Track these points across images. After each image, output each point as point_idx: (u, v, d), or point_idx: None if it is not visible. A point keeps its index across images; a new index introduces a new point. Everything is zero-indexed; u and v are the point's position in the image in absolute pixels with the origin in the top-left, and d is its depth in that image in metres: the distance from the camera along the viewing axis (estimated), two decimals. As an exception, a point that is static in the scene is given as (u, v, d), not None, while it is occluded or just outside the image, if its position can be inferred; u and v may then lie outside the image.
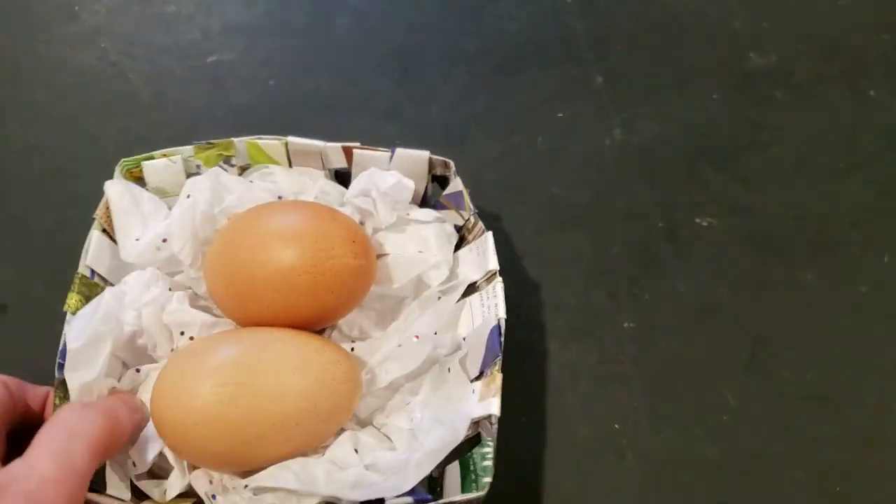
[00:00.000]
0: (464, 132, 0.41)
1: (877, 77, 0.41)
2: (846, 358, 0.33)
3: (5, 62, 0.46)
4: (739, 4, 0.44)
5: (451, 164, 0.35)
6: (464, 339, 0.32)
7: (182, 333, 0.33)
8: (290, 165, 0.36)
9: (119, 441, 0.27)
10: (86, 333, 0.30)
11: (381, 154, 0.35)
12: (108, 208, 0.35)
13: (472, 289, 0.33)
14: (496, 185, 0.39)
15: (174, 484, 0.30)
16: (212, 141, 0.36)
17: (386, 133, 0.40)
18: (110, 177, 0.35)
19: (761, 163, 0.39)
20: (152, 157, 0.36)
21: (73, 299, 0.32)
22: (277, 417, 0.28)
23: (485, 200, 0.36)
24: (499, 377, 0.29)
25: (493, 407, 0.28)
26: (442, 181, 0.36)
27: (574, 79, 0.42)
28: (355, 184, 0.35)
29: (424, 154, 0.35)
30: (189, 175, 0.36)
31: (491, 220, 0.34)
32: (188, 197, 0.34)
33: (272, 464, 0.28)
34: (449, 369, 0.32)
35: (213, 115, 0.43)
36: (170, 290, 0.33)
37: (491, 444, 0.28)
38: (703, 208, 0.37)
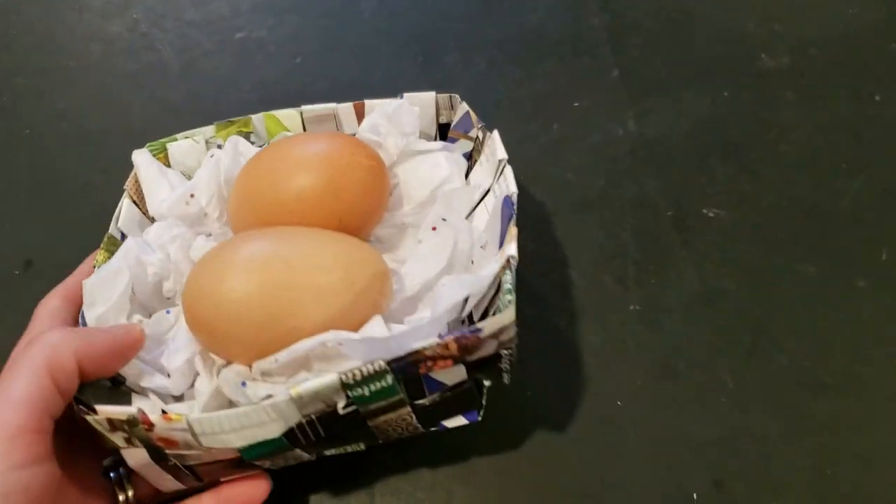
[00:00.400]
0: (482, 117, 0.42)
1: (883, 83, 0.43)
2: (843, 348, 0.35)
3: (38, 30, 0.48)
4: (753, 8, 0.45)
5: (458, 97, 0.36)
6: (482, 232, 0.33)
7: None
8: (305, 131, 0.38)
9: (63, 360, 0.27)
10: (102, 272, 0.31)
11: (390, 102, 0.36)
12: (136, 180, 0.36)
13: (484, 195, 0.34)
14: (513, 169, 0.40)
15: (202, 389, 0.30)
16: (231, 119, 0.38)
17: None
18: (138, 145, 0.36)
19: (769, 159, 0.40)
20: (175, 140, 0.37)
21: (101, 256, 0.33)
22: (313, 292, 0.28)
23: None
24: (514, 229, 0.29)
25: (511, 249, 0.28)
26: (447, 130, 0.37)
27: (591, 71, 0.44)
28: (365, 122, 0.36)
29: (430, 94, 0.36)
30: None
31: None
32: (211, 156, 0.36)
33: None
34: (473, 261, 0.32)
35: (240, 88, 0.44)
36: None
37: (510, 275, 0.28)
38: (710, 200, 0.39)
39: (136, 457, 0.28)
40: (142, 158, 0.36)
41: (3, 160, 0.43)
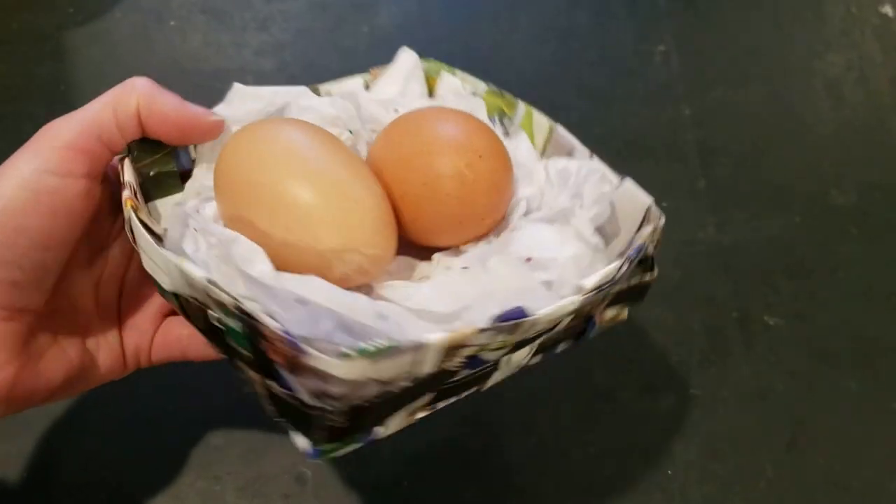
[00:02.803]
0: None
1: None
2: (872, 459, 0.39)
3: (198, 58, 0.54)
4: (829, 149, 0.51)
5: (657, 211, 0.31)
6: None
7: None
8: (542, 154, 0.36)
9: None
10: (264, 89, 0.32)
11: (590, 163, 0.34)
12: (381, 69, 0.36)
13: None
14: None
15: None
16: (503, 92, 0.36)
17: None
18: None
19: (828, 283, 0.45)
20: (454, 73, 0.36)
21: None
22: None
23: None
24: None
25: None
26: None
27: (681, 177, 0.49)
28: (554, 162, 0.34)
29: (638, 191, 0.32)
30: None
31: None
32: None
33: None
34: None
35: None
36: None
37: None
38: (772, 309, 0.44)
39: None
40: (408, 58, 0.36)
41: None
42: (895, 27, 0.57)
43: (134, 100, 0.28)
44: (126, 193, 0.27)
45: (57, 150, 0.27)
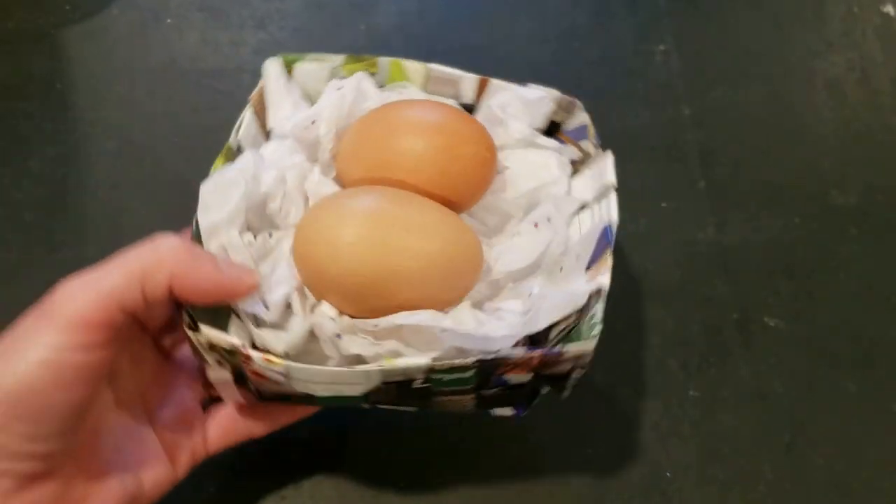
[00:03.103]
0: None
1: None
2: (873, 460, 0.39)
3: (195, 56, 0.54)
4: (830, 150, 0.51)
5: (579, 104, 0.36)
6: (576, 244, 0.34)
7: None
8: (425, 91, 0.38)
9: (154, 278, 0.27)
10: (217, 179, 0.31)
11: (532, 88, 0.37)
12: (261, 94, 0.36)
13: (580, 209, 0.35)
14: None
15: (295, 329, 0.30)
16: (362, 56, 0.38)
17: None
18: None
19: (828, 284, 0.45)
20: (303, 59, 0.37)
21: (219, 162, 0.33)
22: (422, 254, 0.29)
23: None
24: (609, 259, 0.31)
25: (605, 279, 0.31)
26: (555, 128, 0.38)
27: (680, 178, 0.49)
28: (496, 96, 0.37)
29: (553, 92, 0.36)
30: None
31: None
32: (339, 88, 0.36)
33: (402, 310, 0.29)
34: (561, 268, 0.33)
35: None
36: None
37: (600, 305, 0.30)
38: (772, 310, 0.44)
39: (218, 374, 0.29)
40: (273, 68, 0.36)
41: (149, 165, 0.49)
42: (896, 27, 0.57)
43: (165, 275, 0.27)
44: (258, 364, 0.28)
45: (77, 325, 0.26)
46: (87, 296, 0.26)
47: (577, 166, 0.37)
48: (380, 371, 0.28)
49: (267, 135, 0.36)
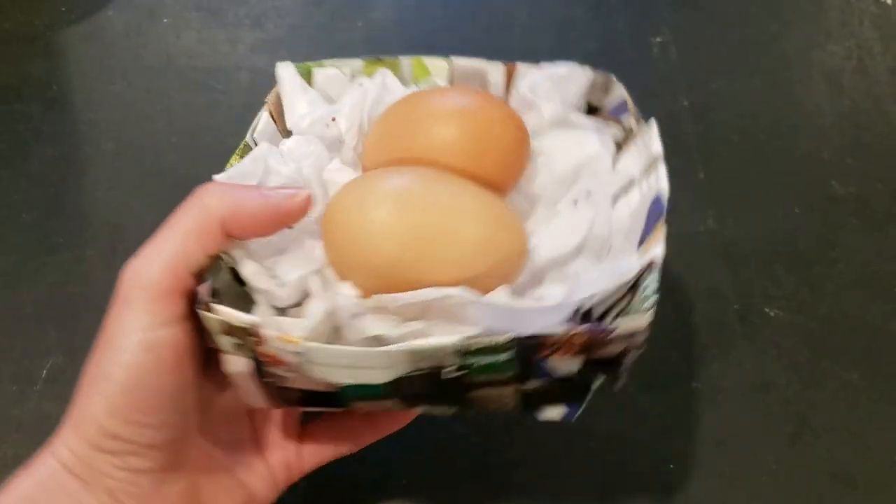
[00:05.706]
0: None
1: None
2: (877, 451, 0.39)
3: (193, 54, 0.54)
4: (830, 140, 0.51)
5: (615, 79, 0.34)
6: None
7: None
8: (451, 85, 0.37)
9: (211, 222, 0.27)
10: (232, 172, 0.30)
11: (559, 65, 0.36)
12: (277, 95, 0.35)
13: (628, 186, 0.32)
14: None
15: (314, 311, 0.28)
16: (380, 57, 0.37)
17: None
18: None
19: (828, 274, 0.45)
20: (322, 66, 0.36)
21: (234, 159, 0.32)
22: (458, 245, 0.27)
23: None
24: (663, 229, 0.28)
25: (658, 251, 0.28)
26: (593, 111, 0.36)
27: (679, 170, 0.48)
28: (525, 79, 0.35)
29: (586, 69, 0.35)
30: None
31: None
32: (360, 85, 0.35)
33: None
34: (610, 249, 0.31)
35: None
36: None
37: (654, 277, 0.27)
38: (773, 301, 0.44)
39: (235, 364, 0.27)
40: (286, 72, 0.36)
41: (148, 165, 0.49)
42: (894, 16, 0.57)
43: (217, 223, 0.27)
44: (271, 333, 0.26)
45: (156, 298, 0.25)
46: (152, 267, 0.26)
47: (620, 145, 0.35)
48: (405, 352, 0.25)
49: (286, 136, 0.35)
